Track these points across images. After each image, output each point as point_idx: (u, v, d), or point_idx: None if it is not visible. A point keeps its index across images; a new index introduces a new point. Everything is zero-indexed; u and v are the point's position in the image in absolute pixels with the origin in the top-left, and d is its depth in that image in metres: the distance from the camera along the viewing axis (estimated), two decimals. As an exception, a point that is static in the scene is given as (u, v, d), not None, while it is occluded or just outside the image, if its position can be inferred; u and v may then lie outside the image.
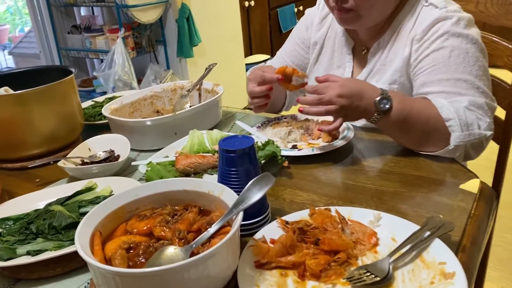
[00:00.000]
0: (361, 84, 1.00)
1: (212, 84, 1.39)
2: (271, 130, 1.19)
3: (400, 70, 1.15)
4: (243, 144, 0.79)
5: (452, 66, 1.04)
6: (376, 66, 1.19)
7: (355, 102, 0.97)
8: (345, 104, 0.96)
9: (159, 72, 3.20)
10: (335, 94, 0.96)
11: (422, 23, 1.10)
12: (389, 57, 1.17)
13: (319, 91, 0.98)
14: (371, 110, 0.98)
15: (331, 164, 1.05)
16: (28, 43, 4.30)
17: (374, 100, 0.97)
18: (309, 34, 1.36)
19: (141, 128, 1.17)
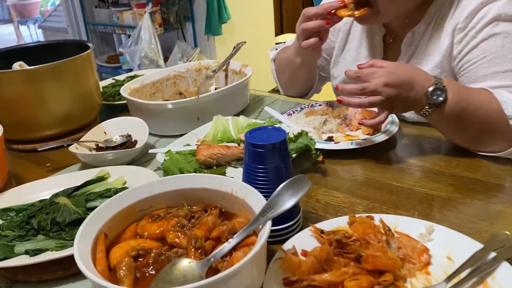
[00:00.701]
0: (412, 71, 0.86)
1: (240, 64, 1.27)
2: (303, 118, 1.07)
3: (440, 65, 1.00)
4: (273, 138, 0.67)
5: (507, 55, 0.89)
6: (412, 60, 1.05)
7: (404, 93, 0.84)
8: (392, 94, 0.83)
9: (186, 50, 3.10)
10: (382, 82, 0.83)
11: (464, 9, 0.94)
12: (427, 50, 1.02)
13: (362, 78, 0.85)
14: (421, 102, 0.85)
15: (371, 160, 0.92)
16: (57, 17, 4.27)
17: (426, 91, 0.84)
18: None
19: (162, 112, 1.07)
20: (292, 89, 1.29)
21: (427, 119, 0.88)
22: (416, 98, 0.84)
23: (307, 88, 1.29)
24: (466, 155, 0.90)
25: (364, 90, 0.84)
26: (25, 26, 6.42)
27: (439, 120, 0.87)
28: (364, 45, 1.14)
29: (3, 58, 1.18)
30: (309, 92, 1.31)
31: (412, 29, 1.03)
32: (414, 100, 0.84)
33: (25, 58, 1.14)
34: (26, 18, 6.23)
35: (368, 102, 0.84)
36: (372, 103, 0.84)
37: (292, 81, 1.26)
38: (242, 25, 3.30)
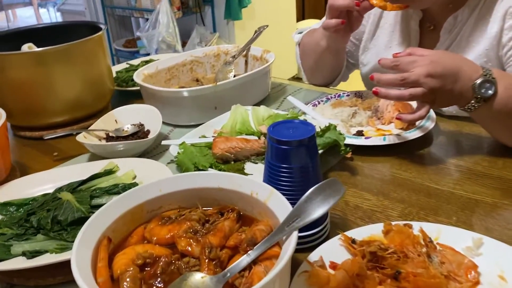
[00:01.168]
0: (457, 60, 0.77)
1: (261, 50, 1.18)
2: (330, 109, 0.98)
3: (486, 53, 0.89)
4: (300, 133, 0.59)
5: None
6: (452, 47, 0.94)
7: (449, 85, 0.74)
8: (435, 86, 0.74)
9: (205, 35, 3.02)
10: (424, 72, 0.73)
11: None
12: (471, 37, 0.91)
13: (401, 67, 0.75)
14: (467, 96, 0.75)
15: (405, 158, 0.83)
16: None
17: (473, 83, 0.74)
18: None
19: (177, 100, 0.99)
20: (316, 76, 1.20)
21: (472, 114, 0.79)
22: (461, 91, 0.75)
23: (333, 76, 1.20)
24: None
25: (405, 81, 0.74)
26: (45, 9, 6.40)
27: (485, 116, 0.78)
28: (398, 31, 1.04)
29: (13, 40, 1.12)
30: (335, 80, 1.21)
31: (455, 13, 0.93)
32: (460, 93, 0.75)
33: (35, 40, 1.07)
34: (46, 0, 6.20)
35: (409, 94, 0.74)
36: (413, 96, 0.75)
37: (317, 67, 1.16)
38: (263, 10, 3.19)
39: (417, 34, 1.01)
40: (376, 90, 0.78)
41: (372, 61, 1.10)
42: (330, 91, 1.16)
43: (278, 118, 0.92)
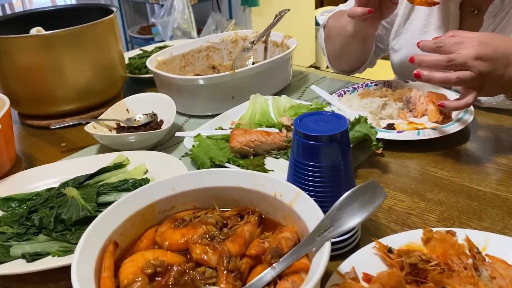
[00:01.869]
0: (508, 43, 0.69)
1: (282, 35, 1.11)
2: (357, 100, 0.91)
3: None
4: (331, 127, 0.52)
5: None
6: (497, 32, 0.85)
7: (500, 69, 0.66)
8: (485, 70, 0.66)
9: (221, 21, 2.94)
10: (473, 54, 0.65)
11: None
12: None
13: (446, 49, 0.67)
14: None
15: (442, 155, 0.76)
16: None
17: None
18: None
19: (192, 88, 0.93)
20: (341, 62, 1.11)
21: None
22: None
23: (359, 63, 1.11)
24: None
25: (452, 63, 0.66)
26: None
27: None
28: (436, 14, 0.95)
29: (21, 23, 1.06)
30: (361, 68, 1.13)
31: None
32: (511, 79, 0.66)
33: (45, 23, 1.01)
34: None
35: (456, 77, 0.66)
36: (461, 80, 0.66)
37: (342, 54, 1.08)
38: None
39: (457, 17, 0.92)
40: (418, 73, 0.69)
41: (405, 47, 1.01)
42: (356, 80, 1.08)
43: (301, 109, 0.85)
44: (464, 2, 0.91)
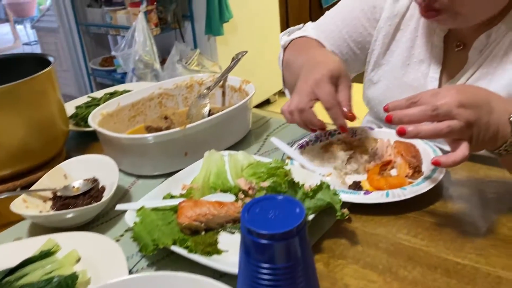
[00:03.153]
0: (484, 91, 0.63)
1: (240, 80, 1.04)
2: (320, 154, 0.83)
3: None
4: (285, 218, 0.44)
5: None
6: (482, 69, 0.80)
7: (485, 117, 0.60)
8: (471, 118, 0.59)
9: (185, 51, 2.87)
10: (455, 102, 0.59)
11: None
12: (506, 57, 0.77)
13: (422, 102, 0.61)
14: (505, 132, 0.61)
15: (414, 218, 0.69)
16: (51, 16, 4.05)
17: (509, 116, 0.60)
18: (381, 2, 0.92)
19: (139, 147, 0.84)
20: None
21: (507, 160, 0.64)
22: (498, 125, 0.60)
23: None
24: (543, 211, 0.67)
25: (437, 111, 0.59)
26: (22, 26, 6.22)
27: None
28: (419, 46, 0.88)
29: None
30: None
31: (489, 31, 0.78)
32: (497, 128, 0.60)
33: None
34: (23, 17, 6.02)
35: (447, 126, 0.58)
36: (452, 129, 0.59)
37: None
38: (245, 24, 3.06)
39: (440, 51, 0.86)
40: (402, 129, 0.61)
41: (385, 79, 0.94)
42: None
43: (259, 168, 0.77)
44: (449, 35, 0.85)
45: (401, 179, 0.74)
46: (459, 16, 0.74)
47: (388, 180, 0.74)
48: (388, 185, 0.73)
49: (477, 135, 0.60)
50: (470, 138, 0.60)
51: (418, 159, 0.78)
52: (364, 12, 0.94)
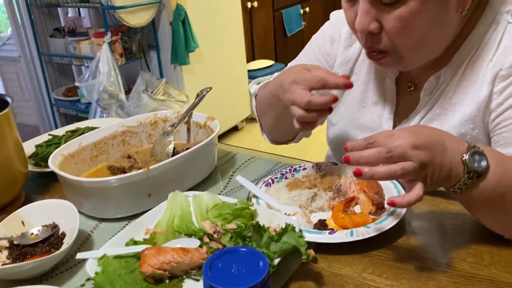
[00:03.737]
0: (437, 131, 0.65)
1: (205, 117, 1.04)
2: (286, 192, 0.84)
3: (472, 119, 0.78)
4: (249, 273, 0.44)
5: None
6: (433, 110, 0.83)
7: (438, 157, 0.61)
8: (425, 159, 0.60)
9: (151, 81, 2.85)
10: (409, 143, 0.60)
11: (510, 52, 0.74)
12: (454, 99, 0.80)
13: (379, 144, 0.62)
14: (458, 171, 0.62)
15: (378, 256, 0.70)
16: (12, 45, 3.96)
17: (462, 155, 0.62)
18: (334, 49, 0.97)
19: (101, 190, 0.82)
20: (275, 133, 1.04)
21: (461, 196, 0.66)
22: (451, 165, 0.62)
23: (292, 134, 1.03)
24: (501, 243, 0.69)
25: (391, 153, 0.60)
26: (-19, 54, 6.05)
27: (477, 198, 0.65)
28: (372, 89, 0.91)
29: None
30: (295, 138, 1.05)
31: (437, 73, 0.81)
32: (450, 167, 0.62)
33: None
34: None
35: (401, 168, 0.60)
36: (406, 171, 0.60)
37: (276, 126, 1.01)
38: (212, 53, 3.08)
39: (393, 93, 0.88)
40: (359, 170, 0.62)
41: (342, 121, 0.96)
42: (285, 160, 1.02)
43: (224, 209, 0.76)
44: (400, 77, 0.88)
45: (365, 217, 0.75)
46: (403, 59, 0.77)
47: (352, 218, 0.75)
48: (353, 223, 0.74)
49: (432, 175, 0.62)
50: (424, 178, 0.62)
51: (380, 195, 0.80)
52: (319, 60, 0.99)
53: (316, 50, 1.00)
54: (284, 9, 3.85)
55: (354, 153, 0.63)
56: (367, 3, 0.71)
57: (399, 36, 0.72)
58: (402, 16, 0.70)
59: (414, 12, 0.69)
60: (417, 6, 0.69)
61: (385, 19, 0.71)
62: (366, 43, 0.77)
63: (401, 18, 0.70)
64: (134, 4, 2.52)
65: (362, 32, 0.74)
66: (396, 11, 0.70)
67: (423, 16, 0.70)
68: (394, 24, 0.71)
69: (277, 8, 3.80)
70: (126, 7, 2.48)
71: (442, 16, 0.72)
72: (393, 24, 0.71)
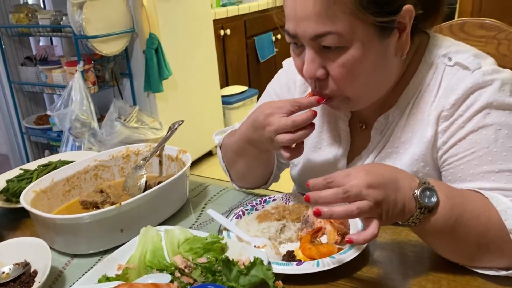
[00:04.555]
0: (390, 169, 0.70)
1: (176, 150, 1.06)
2: (256, 224, 0.87)
3: (422, 158, 0.84)
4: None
5: (501, 152, 0.74)
6: (385, 149, 0.88)
7: (392, 195, 0.66)
8: (379, 197, 0.65)
9: (124, 108, 2.86)
10: (364, 184, 0.64)
11: (450, 94, 0.79)
12: (403, 138, 0.86)
13: (336, 183, 0.66)
14: (411, 207, 0.67)
15: (344, 286, 0.73)
16: (-19, 73, 3.91)
17: (413, 192, 0.67)
18: (291, 96, 1.02)
19: (73, 226, 0.83)
20: (248, 180, 1.06)
21: (416, 229, 0.70)
22: (404, 202, 0.66)
23: (263, 180, 1.06)
24: (457, 271, 0.73)
25: (348, 194, 0.64)
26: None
27: (430, 230, 0.69)
28: (327, 131, 0.96)
29: None
30: (266, 183, 1.08)
31: (386, 113, 0.87)
32: (403, 204, 0.66)
33: None
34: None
35: (357, 207, 0.64)
36: (361, 210, 0.64)
37: (249, 172, 1.02)
38: (185, 79, 3.12)
39: (347, 134, 0.93)
40: (318, 211, 0.65)
41: (301, 161, 1.01)
42: (256, 190, 1.06)
43: (196, 243, 0.79)
44: (353, 119, 0.93)
45: (331, 247, 0.78)
46: (350, 100, 0.82)
47: (318, 248, 0.78)
48: (319, 253, 0.77)
49: (386, 212, 0.66)
50: (380, 215, 0.66)
51: (345, 225, 0.84)
52: None
53: (274, 97, 1.04)
54: (256, 36, 3.94)
55: (313, 193, 0.67)
56: (312, 52, 0.76)
57: (344, 81, 0.77)
58: (345, 63, 0.75)
59: (356, 59, 0.74)
60: (358, 53, 0.74)
61: (330, 66, 0.77)
62: (315, 88, 0.81)
63: (344, 64, 0.75)
64: (107, 34, 2.55)
65: (310, 78, 0.79)
66: (339, 59, 0.75)
67: (365, 62, 0.75)
68: (339, 71, 0.76)
69: (250, 35, 3.89)
70: (99, 37, 2.50)
71: (382, 60, 0.78)
72: (338, 70, 0.76)
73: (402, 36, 0.76)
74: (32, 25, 2.73)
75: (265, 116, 0.82)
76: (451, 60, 0.81)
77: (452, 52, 0.82)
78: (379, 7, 0.71)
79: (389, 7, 0.72)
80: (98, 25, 2.49)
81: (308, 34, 0.74)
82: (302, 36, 0.76)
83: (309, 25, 0.73)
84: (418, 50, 0.85)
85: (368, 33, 0.73)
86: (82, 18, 2.42)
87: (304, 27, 0.74)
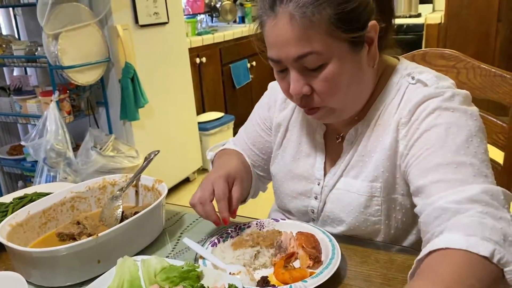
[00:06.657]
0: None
1: (152, 180, 1.08)
2: (231, 251, 0.89)
3: (383, 164, 0.91)
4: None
5: (451, 146, 0.81)
6: (354, 158, 0.96)
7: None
8: None
9: (100, 137, 2.85)
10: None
11: (407, 104, 0.89)
12: (368, 147, 0.94)
13: None
14: None
15: (316, 308, 0.76)
16: (-47, 103, 3.84)
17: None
18: (271, 113, 1.12)
19: (49, 259, 0.83)
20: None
21: None
22: None
23: (255, 191, 1.16)
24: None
25: None
26: None
27: None
28: (305, 142, 1.05)
29: None
30: (246, 199, 1.13)
31: (356, 126, 0.95)
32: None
33: None
34: None
35: None
36: None
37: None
38: (162, 107, 3.15)
39: (322, 146, 1.02)
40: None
41: (280, 172, 1.07)
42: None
43: (172, 272, 0.80)
44: (328, 132, 1.02)
45: (303, 271, 0.82)
46: (334, 110, 0.90)
47: (291, 273, 0.81)
48: (292, 278, 0.80)
49: None
50: None
51: (317, 249, 0.87)
52: (259, 125, 1.13)
53: (257, 116, 1.15)
54: (232, 63, 4.02)
55: None
56: (296, 72, 0.85)
57: (327, 94, 0.86)
58: (327, 77, 0.84)
59: (336, 72, 0.83)
60: (337, 67, 0.83)
61: (313, 83, 0.85)
62: (301, 103, 0.90)
63: (326, 78, 0.84)
64: (83, 64, 2.57)
65: (297, 95, 0.87)
66: (321, 74, 0.84)
67: (344, 75, 0.84)
68: (322, 85, 0.85)
69: (225, 62, 3.97)
70: (74, 67, 2.52)
71: (358, 71, 0.87)
72: (321, 85, 0.85)
73: (371, 49, 0.86)
74: (6, 56, 2.73)
75: (206, 183, 0.95)
76: (414, 79, 0.91)
77: (415, 72, 0.92)
78: (348, 25, 0.81)
79: (357, 24, 0.82)
80: (73, 55, 2.51)
81: (291, 57, 0.82)
82: (285, 59, 0.84)
83: (290, 48, 0.82)
84: (386, 70, 0.95)
85: (342, 49, 0.82)
86: (57, 48, 2.44)
87: (287, 51, 0.82)
